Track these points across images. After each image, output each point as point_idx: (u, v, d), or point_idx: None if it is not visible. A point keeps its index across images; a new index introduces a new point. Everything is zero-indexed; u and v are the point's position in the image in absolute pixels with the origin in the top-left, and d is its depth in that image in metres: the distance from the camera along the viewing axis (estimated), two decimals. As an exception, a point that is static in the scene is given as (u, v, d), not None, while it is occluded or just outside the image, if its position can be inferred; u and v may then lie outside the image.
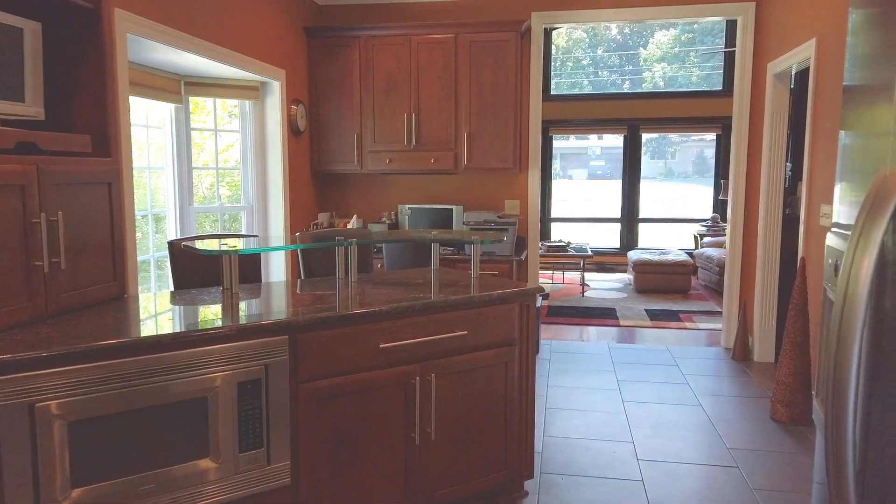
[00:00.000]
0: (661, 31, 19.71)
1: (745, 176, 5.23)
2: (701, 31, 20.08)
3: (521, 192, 5.57)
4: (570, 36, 20.59)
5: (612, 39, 20.82)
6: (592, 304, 7.19)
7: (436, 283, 2.93)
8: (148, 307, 2.39)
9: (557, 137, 10.57)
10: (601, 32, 20.60)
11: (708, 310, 6.85)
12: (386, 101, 5.31)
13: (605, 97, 9.88)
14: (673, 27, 19.83)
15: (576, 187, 22.21)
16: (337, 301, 2.49)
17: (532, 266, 5.60)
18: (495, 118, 5.18)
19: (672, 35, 19.90)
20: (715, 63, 15.58)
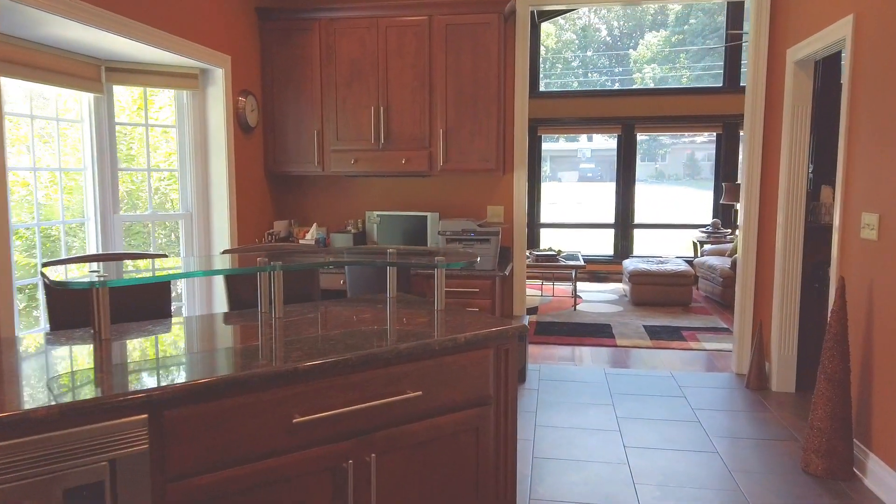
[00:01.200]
0: (650, 32, 19.32)
1: (760, 178, 4.59)
2: (691, 33, 19.64)
3: (506, 196, 4.91)
4: (559, 37, 20.12)
5: (602, 41, 20.31)
6: (586, 318, 6.54)
7: (392, 318, 2.26)
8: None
9: (547, 139, 9.92)
10: (591, 34, 20.16)
11: (713, 326, 6.21)
12: (350, 92, 4.63)
13: (597, 94, 9.25)
14: (664, 28, 19.41)
15: (566, 190, 21.66)
16: (233, 354, 1.81)
17: (518, 282, 4.94)
18: (475, 112, 4.51)
19: (662, 36, 19.45)
20: (707, 63, 15.20)
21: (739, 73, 8.44)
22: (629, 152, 8.97)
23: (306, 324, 2.15)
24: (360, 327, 2.08)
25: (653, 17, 20.39)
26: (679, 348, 5.44)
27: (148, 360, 1.75)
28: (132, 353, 1.81)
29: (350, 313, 2.33)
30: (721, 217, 8.72)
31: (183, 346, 1.94)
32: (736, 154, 8.66)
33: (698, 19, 19.09)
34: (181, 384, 1.49)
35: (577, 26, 21.04)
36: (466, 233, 4.41)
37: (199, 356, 1.78)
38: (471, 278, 4.37)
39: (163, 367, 1.66)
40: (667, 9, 20.07)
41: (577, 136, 22.13)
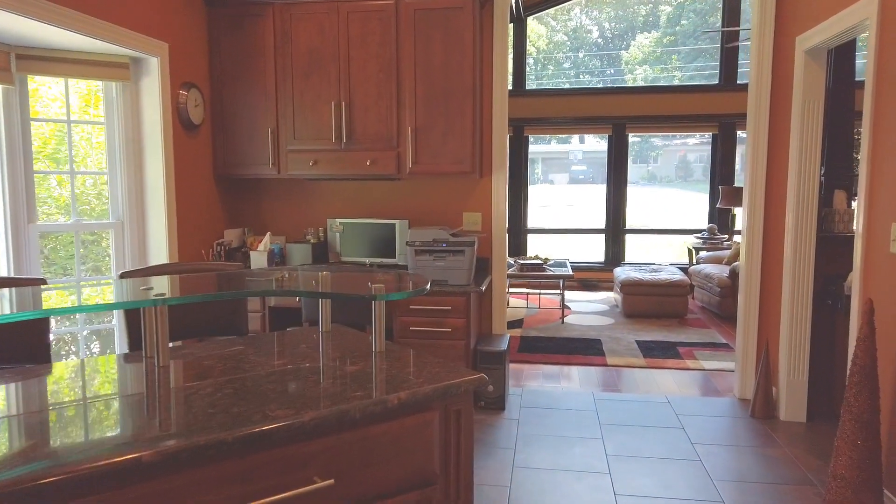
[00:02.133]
0: (642, 33, 19.13)
1: (765, 182, 4.12)
2: (683, 34, 19.32)
3: (483, 202, 4.42)
4: (550, 39, 19.82)
5: (594, 42, 19.98)
6: (574, 332, 6.06)
7: (325, 362, 1.76)
8: None
9: (538, 141, 9.46)
10: (582, 36, 19.99)
11: (711, 341, 5.74)
12: (308, 85, 4.14)
13: (587, 92, 8.79)
14: (655, 29, 19.17)
15: (557, 192, 21.24)
16: (47, 432, 1.31)
17: (498, 296, 4.45)
18: (448, 109, 4.03)
19: (654, 37, 19.13)
20: (700, 63, 15.02)
21: (736, 71, 8.00)
22: (620, 154, 8.51)
23: (195, 376, 1.65)
24: (263, 385, 1.58)
25: (644, 18, 20.12)
26: (675, 368, 4.96)
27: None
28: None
29: (261, 359, 1.83)
30: (717, 222, 8.27)
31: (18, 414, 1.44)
32: (733, 155, 8.22)
33: (690, 20, 18.81)
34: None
35: (568, 28, 20.74)
36: (438, 243, 3.92)
37: (32, 433, 1.28)
38: (442, 295, 3.87)
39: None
40: (658, 10, 19.75)
41: (570, 138, 21.82)
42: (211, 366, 1.74)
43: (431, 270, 3.92)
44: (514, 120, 8.44)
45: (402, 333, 3.92)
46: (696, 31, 19.40)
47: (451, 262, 3.91)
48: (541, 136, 18.93)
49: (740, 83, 8.06)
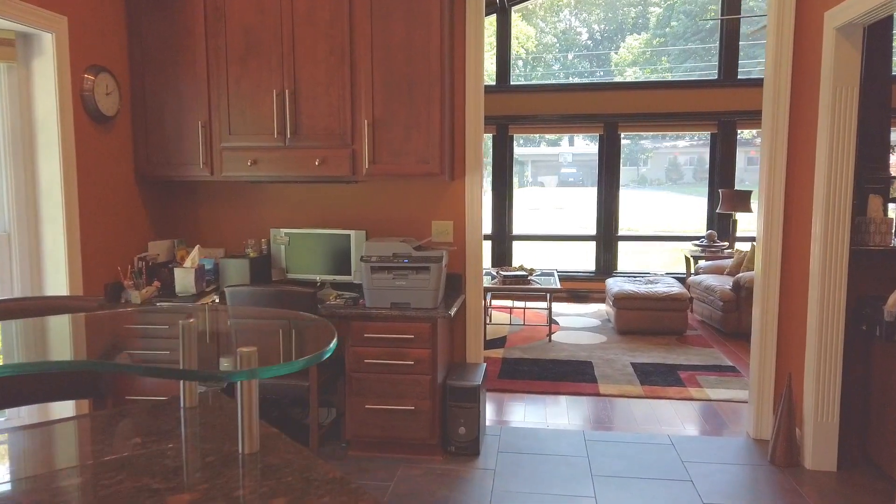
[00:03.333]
0: (631, 35, 18.86)
1: (784, 185, 3.51)
2: (673, 35, 18.92)
3: (455, 208, 3.79)
4: (539, 40, 19.37)
5: (583, 44, 19.53)
6: (562, 353, 5.43)
7: (146, 482, 1.11)
8: None
9: (526, 143, 8.85)
10: (572, 37, 19.66)
11: (715, 364, 5.13)
12: (245, 71, 3.49)
13: (576, 88, 8.19)
14: (645, 31, 18.83)
15: (546, 195, 20.70)
16: None
17: (473, 321, 3.81)
18: (412, 99, 3.39)
19: (644, 39, 18.71)
20: (690, 64, 14.64)
21: (737, 65, 7.41)
22: (612, 155, 7.91)
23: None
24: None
25: (634, 20, 19.71)
26: (677, 398, 4.34)
27: None
28: None
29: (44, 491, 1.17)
30: (717, 228, 7.68)
31: None
32: (733, 156, 7.63)
33: (680, 21, 18.39)
34: None
35: (557, 30, 20.29)
36: (398, 258, 3.28)
37: None
38: (403, 320, 3.23)
39: None
40: (648, 11, 19.32)
41: (559, 140, 21.32)
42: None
43: (391, 291, 3.28)
44: (497, 118, 7.83)
45: (355, 367, 3.27)
46: (685, 33, 19.02)
47: (414, 281, 3.26)
48: (526, 137, 18.39)
49: (741, 78, 7.48)
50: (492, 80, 8.09)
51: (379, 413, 3.28)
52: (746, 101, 7.28)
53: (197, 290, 3.46)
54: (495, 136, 7.97)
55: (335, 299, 3.46)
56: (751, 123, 7.61)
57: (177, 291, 3.46)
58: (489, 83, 8.36)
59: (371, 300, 3.29)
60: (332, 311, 3.27)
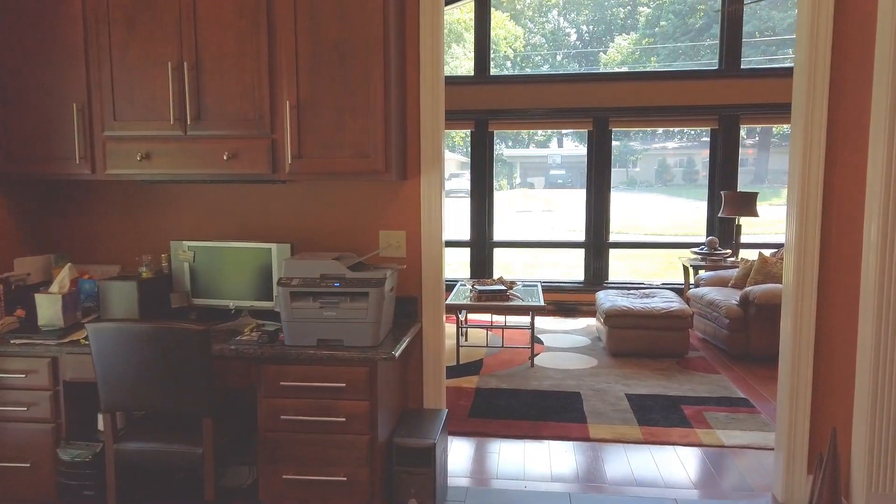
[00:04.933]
0: (620, 35, 18.56)
1: (822, 183, 2.77)
2: (662, 35, 18.42)
3: (408, 215, 3.01)
4: (528, 40, 18.86)
5: (572, 45, 19.04)
6: (546, 381, 4.67)
7: None
8: None
9: (515, 143, 8.11)
10: (560, 38, 19.42)
11: (724, 395, 4.39)
12: (133, 37, 2.70)
13: (562, 79, 7.44)
14: (634, 31, 18.43)
15: (533, 198, 20.02)
16: None
17: (431, 356, 3.04)
18: (346, 74, 2.62)
19: (633, 39, 18.20)
20: (681, 63, 14.32)
21: (740, 53, 6.70)
22: (602, 153, 7.17)
23: None
24: None
25: (623, 20, 19.20)
26: (682, 443, 3.59)
27: None
28: None
29: None
30: (719, 234, 6.96)
31: None
32: (735, 154, 6.92)
33: (669, 21, 17.87)
34: None
35: (545, 30, 19.77)
36: (327, 281, 2.50)
37: None
38: (332, 363, 2.46)
39: None
40: (637, 11, 18.83)
41: (549, 141, 20.72)
42: None
43: (317, 325, 2.50)
44: (476, 112, 7.07)
45: (269, 424, 2.49)
46: (675, 32, 18.51)
47: (347, 312, 2.49)
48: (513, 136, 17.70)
49: (745, 68, 6.77)
50: (469, 70, 7.34)
51: (301, 485, 2.50)
52: (749, 93, 6.58)
53: (67, 323, 2.66)
54: (474, 133, 7.21)
55: (250, 333, 2.67)
56: (755, 118, 6.91)
57: (39, 324, 2.66)
58: (466, 74, 7.61)
59: (291, 336, 2.51)
60: (239, 351, 2.49)
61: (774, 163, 19.00)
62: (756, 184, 16.59)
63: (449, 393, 4.39)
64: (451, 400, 4.25)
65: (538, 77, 8.02)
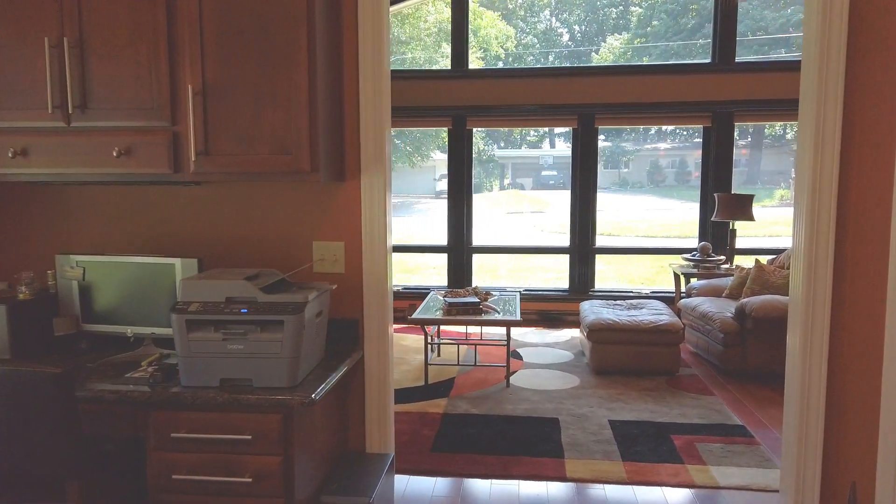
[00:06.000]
0: (612, 35, 18.42)
1: (836, 182, 2.31)
2: (654, 35, 18.14)
3: (347, 222, 2.54)
4: (519, 40, 18.54)
5: (564, 45, 18.78)
6: (521, 405, 4.21)
7: None
8: None
9: (508, 145, 7.65)
10: (553, 38, 19.50)
11: (719, 421, 3.93)
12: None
13: (546, 73, 6.98)
14: (626, 31, 18.18)
15: (524, 199, 19.61)
16: None
17: (375, 391, 2.57)
18: (262, 53, 2.15)
19: (625, 39, 17.91)
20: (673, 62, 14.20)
21: (734, 45, 6.26)
22: (588, 152, 6.72)
23: None
24: None
25: (615, 20, 18.95)
26: (673, 483, 3.13)
27: None
28: None
29: None
30: (712, 238, 6.52)
31: None
32: (730, 154, 6.48)
33: (661, 21, 17.58)
34: None
35: (537, 30, 19.48)
36: (234, 307, 2.02)
37: None
38: (236, 409, 1.99)
39: None
40: (629, 11, 18.55)
41: (541, 142, 20.38)
42: None
43: (221, 361, 2.03)
44: (453, 108, 6.61)
45: (161, 484, 2.01)
46: (667, 32, 18.20)
47: (257, 344, 2.01)
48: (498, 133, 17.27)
49: (739, 62, 6.33)
50: (447, 64, 6.88)
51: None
52: (744, 88, 6.14)
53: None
54: (451, 131, 6.74)
55: (147, 367, 2.19)
56: (750, 115, 6.48)
57: None
58: (443, 68, 7.14)
59: (188, 375, 2.04)
60: (122, 395, 2.01)
61: (767, 163, 18.66)
62: (749, 185, 16.22)
63: (412, 420, 3.92)
64: (414, 429, 3.78)
65: (519, 71, 7.57)
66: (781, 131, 18.08)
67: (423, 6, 14.50)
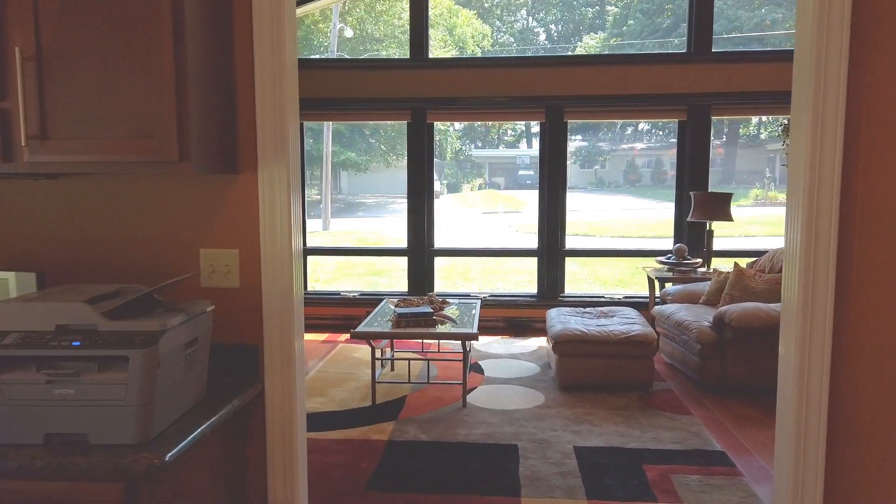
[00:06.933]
0: (588, 34, 18.37)
1: (840, 177, 1.88)
2: (630, 34, 17.96)
3: (243, 225, 2.05)
4: (496, 39, 18.22)
5: (541, 44, 18.58)
6: (477, 429, 3.75)
7: None
8: None
9: (486, 145, 7.18)
10: (529, 37, 19.66)
11: (697, 446, 3.51)
12: None
13: (511, 63, 6.55)
14: (602, 30, 17.98)
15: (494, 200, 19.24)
16: None
17: (278, 435, 2.08)
18: (119, 11, 1.66)
19: (601, 38, 17.67)
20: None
21: (711, 34, 5.88)
22: (557, 148, 6.29)
23: None
24: None
25: (591, 20, 18.80)
26: (644, 526, 2.69)
27: None
28: None
29: None
30: (688, 240, 6.12)
31: None
32: (706, 150, 6.10)
33: (637, 20, 17.42)
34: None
35: (514, 29, 19.18)
36: (63, 338, 1.52)
37: None
38: (62, 478, 1.48)
39: None
40: (605, 11, 18.41)
41: (518, 142, 20.10)
42: None
43: (44, 410, 1.53)
44: (412, 100, 6.14)
45: (-37, 576, 1.50)
46: (643, 32, 17.96)
47: (94, 388, 1.52)
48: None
49: (717, 52, 5.95)
50: (405, 52, 6.40)
51: None
52: (721, 80, 5.76)
53: None
54: (410, 124, 6.27)
55: (-34, 414, 1.68)
56: (728, 109, 6.10)
57: None
58: (401, 57, 6.67)
59: (1, 430, 1.53)
60: None
61: (742, 163, 18.52)
62: (724, 184, 16.01)
63: (351, 450, 3.44)
64: (352, 461, 3.30)
65: (483, 61, 7.14)
66: (756, 131, 17.96)
67: (397, 3, 14.04)
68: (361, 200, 19.28)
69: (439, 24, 14.83)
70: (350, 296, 6.48)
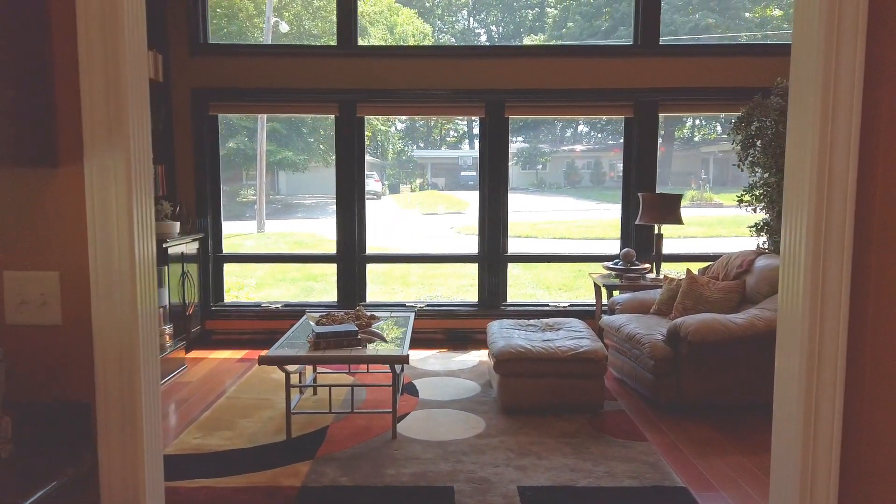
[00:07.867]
0: (528, 36, 18.37)
1: (856, 173, 1.46)
2: (569, 37, 17.96)
3: (65, 238, 1.47)
4: (437, 40, 17.93)
5: (482, 46, 18.28)
6: (407, 469, 3.24)
7: None
8: None
9: (428, 146, 6.66)
10: (470, 38, 19.45)
11: (655, 481, 3.10)
12: None
13: (449, 53, 6.08)
14: (542, 32, 17.90)
15: (434, 200, 18.78)
16: None
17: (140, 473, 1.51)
18: None
19: (541, 39, 17.57)
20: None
21: (658, 26, 5.55)
22: (498, 145, 5.85)
23: None
24: None
25: (531, 21, 18.73)
26: None
27: None
28: None
29: None
30: (635, 244, 5.78)
31: None
32: (654, 148, 5.78)
33: (576, 23, 17.35)
34: None
35: (455, 29, 18.85)
36: None
37: None
38: None
39: None
40: (545, 13, 18.31)
41: (460, 143, 19.75)
42: None
43: None
44: (340, 92, 5.58)
45: None
46: (582, 34, 17.88)
47: None
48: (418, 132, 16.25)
49: (665, 44, 5.64)
50: (332, 40, 5.83)
51: None
52: (670, 74, 5.45)
53: None
54: (339, 118, 5.71)
55: None
56: (676, 105, 5.80)
57: None
58: (327, 44, 6.09)
59: None
60: None
61: (676, 165, 18.70)
62: (661, 185, 16.10)
63: (255, 501, 2.87)
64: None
65: (418, 50, 6.62)
66: (690, 134, 18.17)
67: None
68: (300, 201, 18.50)
69: (379, 22, 14.30)
70: (272, 307, 5.86)
